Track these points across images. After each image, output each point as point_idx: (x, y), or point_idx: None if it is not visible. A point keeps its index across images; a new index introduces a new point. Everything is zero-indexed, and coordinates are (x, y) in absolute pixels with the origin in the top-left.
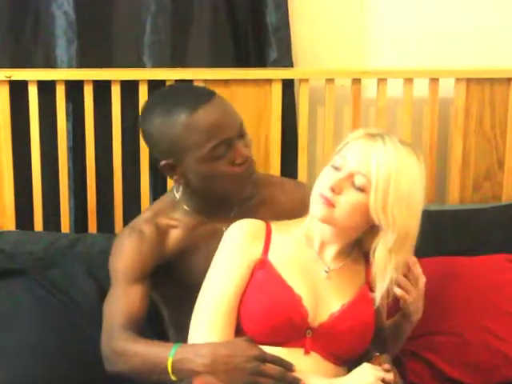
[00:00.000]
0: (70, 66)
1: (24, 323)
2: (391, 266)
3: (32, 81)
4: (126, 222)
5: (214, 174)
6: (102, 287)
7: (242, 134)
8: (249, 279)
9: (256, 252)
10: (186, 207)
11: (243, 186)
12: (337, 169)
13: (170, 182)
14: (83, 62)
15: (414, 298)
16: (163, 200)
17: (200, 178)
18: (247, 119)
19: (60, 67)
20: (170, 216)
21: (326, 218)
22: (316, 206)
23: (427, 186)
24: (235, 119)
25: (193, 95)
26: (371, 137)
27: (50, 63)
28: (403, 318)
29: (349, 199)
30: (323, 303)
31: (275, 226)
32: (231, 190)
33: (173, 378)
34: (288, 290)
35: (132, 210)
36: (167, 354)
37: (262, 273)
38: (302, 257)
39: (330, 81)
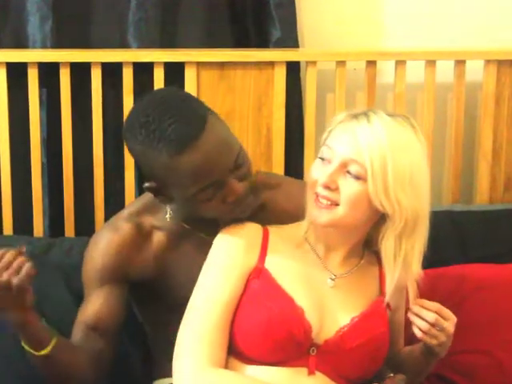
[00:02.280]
0: (43, 47)
1: None
2: (401, 256)
3: (0, 63)
4: None
5: (204, 212)
6: (80, 298)
7: (238, 165)
8: (243, 291)
9: (251, 260)
10: (170, 211)
11: (235, 215)
12: (326, 161)
13: None
14: (59, 42)
15: (442, 343)
16: (147, 196)
17: (187, 209)
18: (246, 107)
19: (32, 48)
20: (154, 216)
21: (330, 222)
22: (316, 212)
23: (451, 184)
24: (228, 154)
25: (180, 128)
26: (354, 117)
27: (21, 43)
28: (428, 354)
29: (349, 192)
30: (329, 316)
31: (273, 229)
32: (224, 218)
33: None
34: (288, 301)
35: (115, 210)
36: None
37: (258, 283)
38: (303, 264)
39: (340, 63)
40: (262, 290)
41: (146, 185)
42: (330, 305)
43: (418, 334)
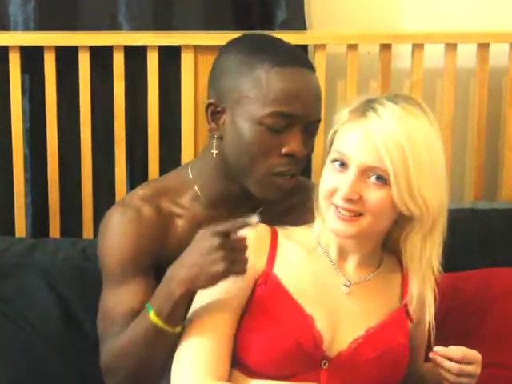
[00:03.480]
0: (26, 29)
1: None
2: (427, 255)
3: None
4: (96, 223)
5: (252, 147)
6: (67, 306)
7: (312, 131)
8: (249, 297)
9: (258, 264)
10: (198, 191)
11: (276, 194)
12: (340, 165)
13: (152, 172)
14: (43, 24)
15: (468, 381)
16: (170, 178)
17: (236, 142)
18: None
19: (14, 30)
20: (174, 201)
21: (355, 234)
22: (338, 225)
23: (474, 179)
24: (316, 108)
25: (294, 53)
26: (361, 114)
27: (1, 25)
28: None
29: (374, 200)
30: (343, 326)
31: (282, 231)
32: (260, 190)
33: (167, 327)
34: (296, 308)
35: (104, 208)
36: (147, 311)
37: (265, 288)
38: (315, 269)
39: (352, 47)
40: (268, 296)
41: (210, 100)
42: (345, 314)
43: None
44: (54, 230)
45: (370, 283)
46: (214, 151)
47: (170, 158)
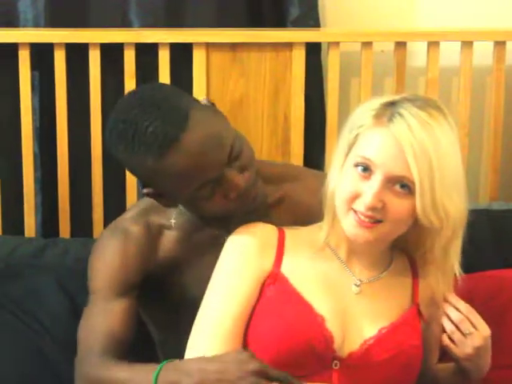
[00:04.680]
0: (36, 26)
1: None
2: (449, 262)
3: None
4: (107, 223)
5: (211, 212)
6: (77, 306)
7: (234, 157)
8: (258, 298)
9: (266, 264)
10: (174, 217)
11: (246, 209)
12: (364, 171)
13: None
14: (53, 21)
15: (468, 356)
16: (147, 199)
17: (192, 210)
18: (261, 93)
19: (24, 27)
20: (162, 215)
21: (373, 240)
22: (356, 230)
23: (490, 180)
24: (218, 149)
25: (158, 130)
26: (387, 120)
27: (11, 22)
28: (459, 374)
29: (398, 210)
30: (354, 327)
31: (289, 231)
32: (231, 215)
33: None
34: (307, 308)
35: (114, 208)
36: (151, 378)
37: (274, 289)
38: (324, 268)
39: (366, 45)
40: (277, 296)
41: (145, 191)
42: (355, 313)
43: (445, 340)
44: (64, 229)
45: (380, 283)
46: (173, 221)
47: None
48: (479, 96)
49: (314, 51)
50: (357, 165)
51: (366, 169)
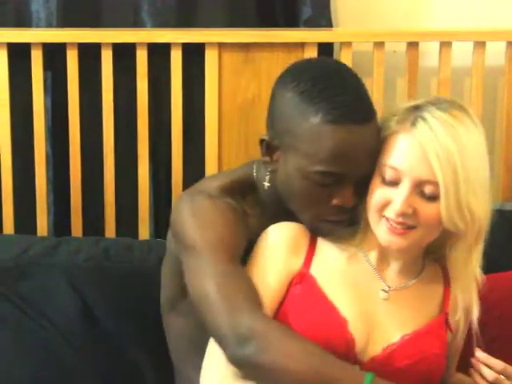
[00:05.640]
0: (48, 26)
1: None
2: (472, 264)
3: (0, 43)
4: (119, 221)
5: (300, 196)
6: (88, 305)
7: (363, 180)
8: (284, 296)
9: (295, 264)
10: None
11: (323, 236)
12: (390, 183)
13: (175, 171)
14: (65, 21)
15: None
16: (239, 174)
17: (286, 185)
18: None
19: (36, 27)
20: (244, 199)
21: (407, 247)
22: (390, 237)
23: (503, 180)
24: (368, 164)
25: (352, 105)
26: (410, 125)
27: (24, 22)
28: None
29: (428, 214)
30: (379, 331)
31: None
32: (309, 228)
33: None
34: (330, 310)
35: (127, 207)
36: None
37: (301, 288)
38: (354, 272)
39: (378, 45)
40: (303, 296)
41: (265, 137)
42: (380, 319)
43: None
44: (76, 228)
45: (409, 290)
46: (266, 184)
47: (194, 157)
48: (491, 96)
49: (326, 51)
50: (384, 175)
51: (395, 180)
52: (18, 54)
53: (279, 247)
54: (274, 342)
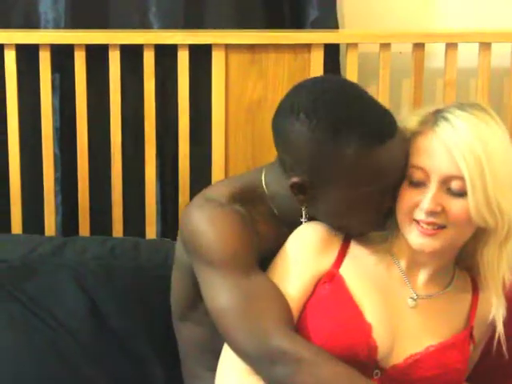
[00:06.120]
0: (56, 27)
1: None
2: (503, 262)
3: (9, 45)
4: (126, 221)
5: (349, 215)
6: (95, 304)
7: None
8: (311, 294)
9: (324, 262)
10: (275, 210)
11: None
12: (418, 184)
13: (182, 171)
14: (73, 22)
15: None
16: (247, 182)
17: (334, 214)
18: (279, 94)
19: (44, 28)
20: (255, 207)
21: (440, 249)
22: (421, 240)
23: None
24: (403, 166)
25: (376, 122)
26: (432, 124)
27: (32, 23)
28: None
29: (457, 211)
30: (403, 339)
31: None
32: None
33: None
34: (356, 313)
35: (134, 207)
36: None
37: (329, 287)
38: (384, 277)
39: (384, 46)
40: (330, 296)
41: (295, 180)
42: (406, 327)
43: None
44: (84, 229)
45: (438, 300)
46: (303, 220)
47: (200, 157)
48: (497, 97)
49: (332, 52)
50: (411, 177)
51: (422, 181)
52: (27, 55)
53: (309, 245)
54: (306, 364)
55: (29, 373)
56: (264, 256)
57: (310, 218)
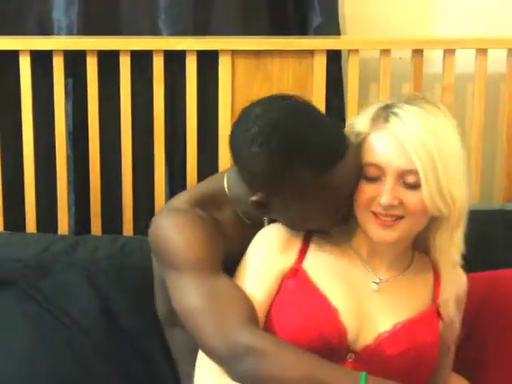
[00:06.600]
0: (69, 33)
1: (10, 346)
2: (454, 246)
3: (23, 51)
4: (136, 221)
5: (309, 219)
6: (107, 301)
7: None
8: (277, 291)
9: (288, 260)
10: (239, 212)
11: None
12: (374, 179)
13: (190, 174)
14: (86, 28)
15: None
16: (208, 187)
17: (293, 221)
18: None
19: (58, 34)
20: (218, 209)
21: (398, 238)
22: (381, 232)
23: (503, 182)
24: (356, 173)
25: (328, 146)
26: (383, 121)
27: (46, 29)
28: None
29: (413, 203)
30: (370, 321)
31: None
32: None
33: None
34: (321, 300)
35: (143, 207)
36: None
37: (294, 282)
38: (345, 267)
39: (385, 52)
40: (295, 289)
41: (253, 199)
42: (372, 310)
43: None
44: (96, 227)
45: (400, 281)
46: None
47: (208, 160)
48: (493, 102)
49: (334, 58)
50: (366, 174)
51: (377, 176)
52: (41, 61)
53: (271, 245)
54: (270, 356)
55: (43, 370)
56: (232, 256)
57: (274, 220)
